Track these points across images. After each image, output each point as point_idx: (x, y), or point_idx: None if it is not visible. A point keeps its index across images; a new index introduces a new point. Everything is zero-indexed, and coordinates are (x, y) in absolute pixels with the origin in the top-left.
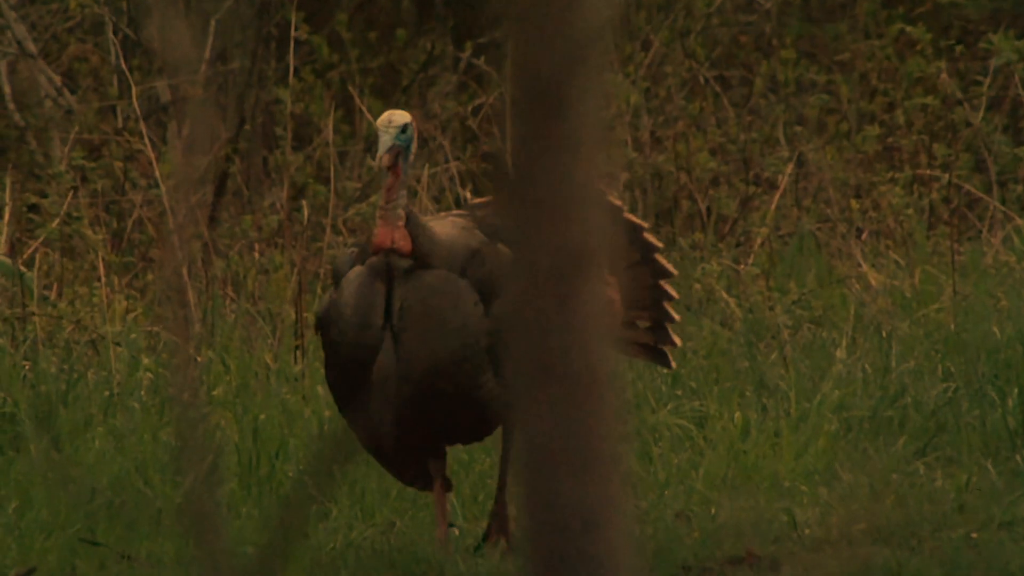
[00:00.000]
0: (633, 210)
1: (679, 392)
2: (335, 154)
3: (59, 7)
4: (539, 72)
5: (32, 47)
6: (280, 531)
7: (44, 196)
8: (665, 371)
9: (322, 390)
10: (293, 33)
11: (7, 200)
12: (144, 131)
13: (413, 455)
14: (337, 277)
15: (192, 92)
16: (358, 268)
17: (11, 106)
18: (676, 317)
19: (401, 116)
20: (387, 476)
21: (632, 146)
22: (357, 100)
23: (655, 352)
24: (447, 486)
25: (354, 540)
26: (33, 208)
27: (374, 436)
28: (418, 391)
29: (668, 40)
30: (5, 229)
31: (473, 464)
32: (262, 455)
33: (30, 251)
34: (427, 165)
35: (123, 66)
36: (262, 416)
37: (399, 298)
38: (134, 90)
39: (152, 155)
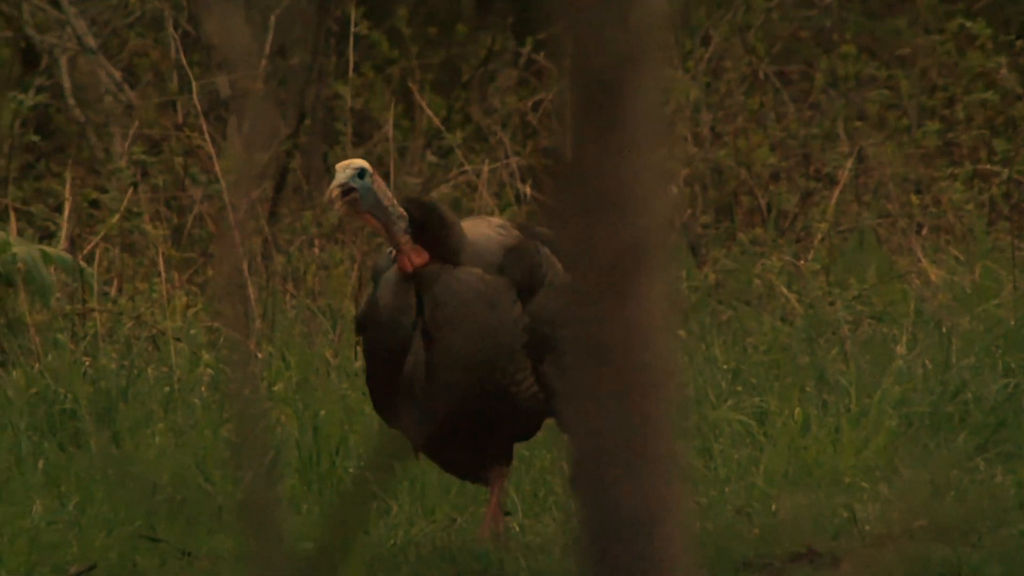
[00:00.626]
0: (693, 206)
1: (739, 388)
2: (395, 149)
3: (119, 2)
4: (596, 67)
5: (92, 42)
6: (339, 527)
7: (104, 191)
8: (725, 367)
9: None
10: (353, 28)
11: (67, 195)
12: (204, 126)
13: (459, 455)
14: (377, 278)
15: (252, 87)
16: (393, 268)
17: (71, 101)
18: None
19: (359, 162)
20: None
21: (692, 141)
22: (417, 96)
23: None
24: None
25: (414, 536)
26: (93, 204)
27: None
28: (450, 390)
29: (728, 35)
30: (65, 225)
31: (534, 460)
32: (322, 451)
33: (90, 247)
34: (487, 161)
35: (183, 61)
36: (322, 412)
37: (430, 297)
38: (194, 85)
39: (212, 150)
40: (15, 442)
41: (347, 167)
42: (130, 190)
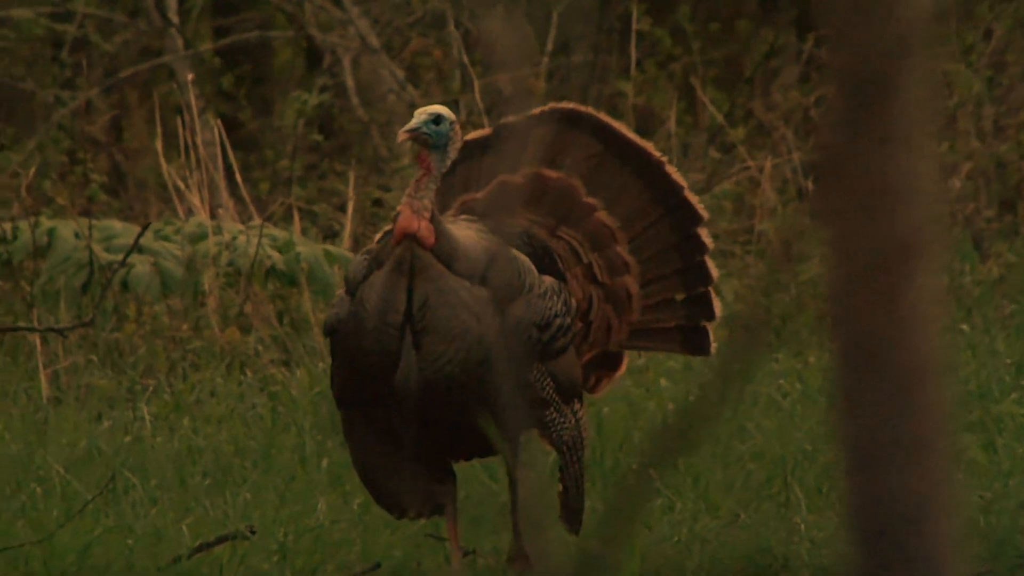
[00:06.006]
0: (976, 200)
1: (1023, 382)
2: (678, 145)
3: (401, 2)
4: (865, 60)
5: (375, 42)
6: (620, 523)
7: (388, 190)
8: (1008, 361)
9: (665, 382)
10: (635, 25)
11: (351, 195)
12: (487, 125)
13: (426, 474)
14: (351, 284)
15: (534, 85)
16: (378, 272)
17: (355, 100)
18: (714, 274)
19: (440, 108)
20: (731, 468)
21: (975, 136)
22: (699, 92)
23: (689, 335)
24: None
25: (699, 532)
26: (377, 202)
27: (383, 453)
28: (440, 399)
29: (1010, 28)
30: (349, 224)
31: (817, 455)
32: (606, 448)
33: (381, 244)
34: (770, 156)
35: (465, 60)
36: (605, 409)
37: (420, 295)
38: (476, 84)
39: None
40: (299, 442)
41: (424, 112)
42: None
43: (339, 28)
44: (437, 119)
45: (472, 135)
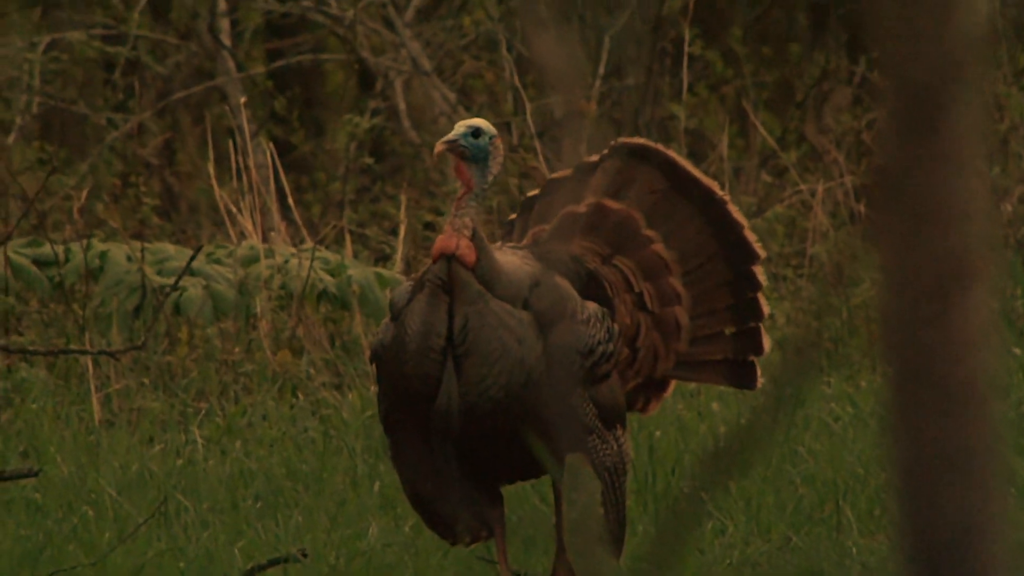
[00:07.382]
0: None
1: None
2: (730, 169)
3: (453, 25)
4: (917, 83)
5: (427, 64)
6: (671, 545)
7: (439, 214)
8: None
9: (717, 405)
10: (687, 48)
11: (402, 218)
12: (539, 148)
13: (475, 497)
14: (395, 309)
15: (587, 108)
16: (420, 295)
17: (406, 123)
18: (766, 311)
19: (480, 122)
20: (783, 492)
21: None
22: (751, 115)
23: (736, 369)
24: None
25: (750, 556)
26: (428, 226)
27: (433, 478)
28: (483, 423)
29: None
30: (400, 247)
31: (868, 479)
32: (658, 471)
33: (425, 269)
34: (822, 180)
35: (517, 83)
36: (657, 432)
37: (460, 316)
38: (528, 107)
39: (547, 171)
40: (351, 465)
41: (463, 124)
42: None
43: (391, 51)
44: (476, 132)
45: (555, 175)
